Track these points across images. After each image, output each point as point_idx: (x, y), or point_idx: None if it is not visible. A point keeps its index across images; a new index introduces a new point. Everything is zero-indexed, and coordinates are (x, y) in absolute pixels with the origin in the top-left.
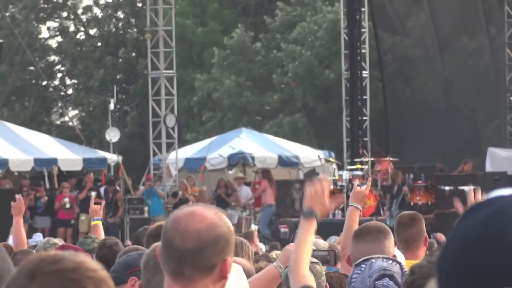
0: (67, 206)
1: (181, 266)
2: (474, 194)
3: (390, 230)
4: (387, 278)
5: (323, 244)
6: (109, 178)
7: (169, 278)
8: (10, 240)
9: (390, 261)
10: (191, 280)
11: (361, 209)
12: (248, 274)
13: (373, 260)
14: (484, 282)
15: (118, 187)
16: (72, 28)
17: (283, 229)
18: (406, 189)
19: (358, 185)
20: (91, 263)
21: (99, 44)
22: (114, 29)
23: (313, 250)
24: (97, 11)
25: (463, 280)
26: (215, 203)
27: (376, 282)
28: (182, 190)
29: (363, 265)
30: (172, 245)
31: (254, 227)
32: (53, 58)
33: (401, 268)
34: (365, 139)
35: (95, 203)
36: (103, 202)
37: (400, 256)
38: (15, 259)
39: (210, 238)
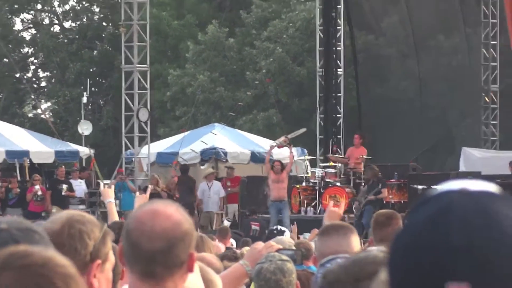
0: (39, 193)
1: (151, 267)
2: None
3: (355, 229)
4: None
5: (288, 241)
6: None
7: (136, 278)
8: None
9: None
10: (161, 279)
11: None
12: (216, 271)
13: (338, 260)
14: (430, 277)
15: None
16: (46, 21)
17: (254, 226)
18: (373, 198)
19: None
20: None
21: (77, 36)
22: (90, 23)
23: (280, 249)
24: (73, 4)
25: (410, 274)
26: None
27: None
28: (153, 185)
29: (327, 265)
30: (139, 247)
31: (227, 223)
32: (26, 50)
33: None
34: (338, 136)
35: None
36: (75, 194)
37: None
38: None
39: (177, 236)
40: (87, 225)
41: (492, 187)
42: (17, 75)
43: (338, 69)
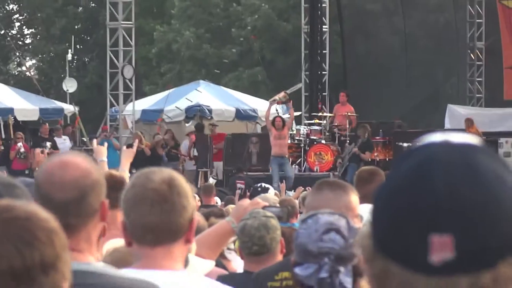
0: (21, 150)
1: (65, 218)
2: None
3: (352, 187)
4: (334, 232)
5: (273, 199)
6: None
7: None
8: None
9: (337, 216)
10: (75, 230)
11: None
12: (199, 229)
13: (319, 216)
14: (412, 228)
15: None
16: None
17: (239, 184)
18: (356, 151)
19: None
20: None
21: None
22: None
23: (267, 207)
24: None
25: (392, 225)
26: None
27: (323, 236)
28: (137, 142)
29: (309, 220)
30: (51, 198)
31: (212, 181)
32: (11, 6)
33: (348, 222)
34: (323, 93)
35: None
36: (59, 152)
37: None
38: None
39: (88, 184)
40: (184, 181)
41: (474, 140)
42: (2, 32)
43: (323, 26)
